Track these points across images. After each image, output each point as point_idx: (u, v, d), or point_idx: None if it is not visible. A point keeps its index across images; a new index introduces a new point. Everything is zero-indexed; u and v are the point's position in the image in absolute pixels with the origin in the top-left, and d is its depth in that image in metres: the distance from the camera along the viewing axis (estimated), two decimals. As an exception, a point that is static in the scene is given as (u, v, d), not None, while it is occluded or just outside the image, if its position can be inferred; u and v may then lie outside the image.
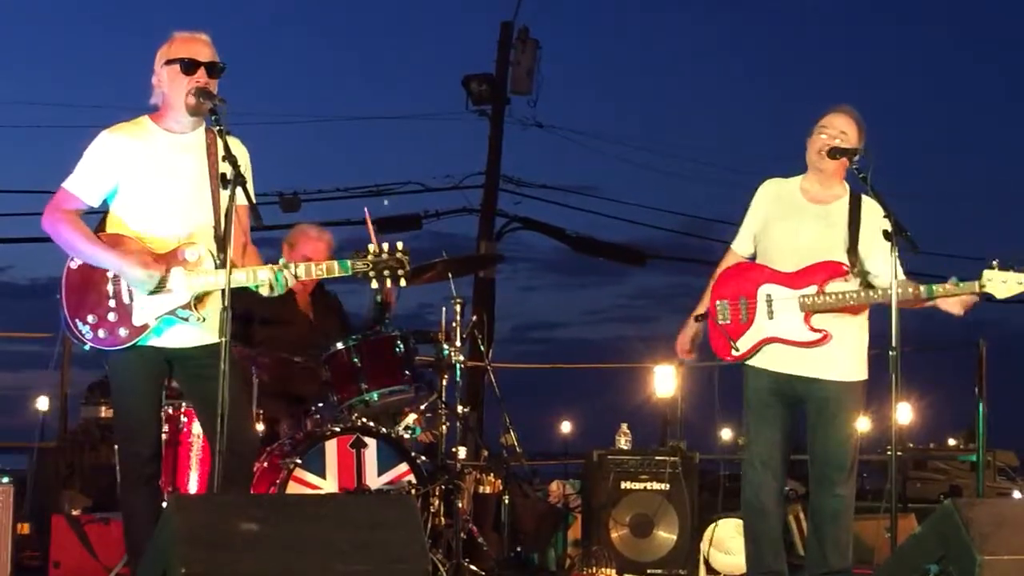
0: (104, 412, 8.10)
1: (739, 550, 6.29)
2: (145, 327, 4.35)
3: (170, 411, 5.57)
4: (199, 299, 4.37)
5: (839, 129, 4.89)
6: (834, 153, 4.83)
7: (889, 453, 4.80)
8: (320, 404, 5.78)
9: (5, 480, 5.50)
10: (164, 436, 5.51)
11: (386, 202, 17.39)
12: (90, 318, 4.35)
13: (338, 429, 5.52)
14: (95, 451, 7.65)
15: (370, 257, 4.36)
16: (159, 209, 4.40)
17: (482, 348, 6.97)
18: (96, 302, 4.35)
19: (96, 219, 4.56)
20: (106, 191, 4.42)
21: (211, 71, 4.39)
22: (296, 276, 4.35)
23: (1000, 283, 4.63)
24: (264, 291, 4.36)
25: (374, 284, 4.38)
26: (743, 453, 5.07)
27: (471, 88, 17.40)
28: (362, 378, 5.65)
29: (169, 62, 4.39)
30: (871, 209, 4.82)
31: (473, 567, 5.68)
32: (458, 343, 6.04)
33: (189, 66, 4.36)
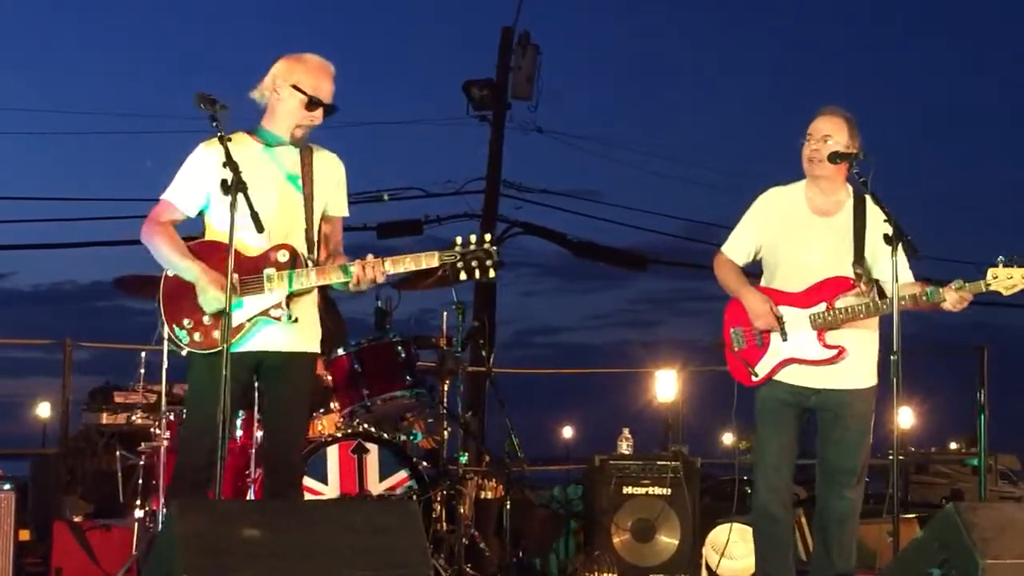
0: (105, 419, 8.09)
1: (742, 555, 6.28)
2: (240, 328, 4.32)
3: (171, 417, 5.58)
4: (290, 298, 4.36)
5: (822, 134, 4.83)
6: (834, 158, 4.77)
7: (891, 457, 4.79)
8: (322, 410, 5.78)
9: (7, 486, 5.49)
10: (167, 444, 5.53)
11: (386, 197, 17.34)
12: (186, 322, 4.36)
13: (339, 435, 5.53)
14: (96, 457, 7.65)
15: (458, 248, 4.30)
16: (250, 218, 4.32)
17: (483, 353, 6.97)
18: (192, 307, 4.35)
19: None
20: (201, 203, 4.43)
21: (327, 113, 4.40)
22: (385, 271, 4.32)
23: (1006, 279, 4.61)
24: (352, 287, 4.35)
25: (463, 276, 4.32)
26: (752, 458, 5.05)
27: (472, 93, 17.41)
28: (363, 384, 5.66)
29: (298, 88, 4.36)
30: (875, 213, 4.76)
31: (475, 573, 5.67)
32: (459, 348, 6.04)
33: (314, 105, 4.36)
